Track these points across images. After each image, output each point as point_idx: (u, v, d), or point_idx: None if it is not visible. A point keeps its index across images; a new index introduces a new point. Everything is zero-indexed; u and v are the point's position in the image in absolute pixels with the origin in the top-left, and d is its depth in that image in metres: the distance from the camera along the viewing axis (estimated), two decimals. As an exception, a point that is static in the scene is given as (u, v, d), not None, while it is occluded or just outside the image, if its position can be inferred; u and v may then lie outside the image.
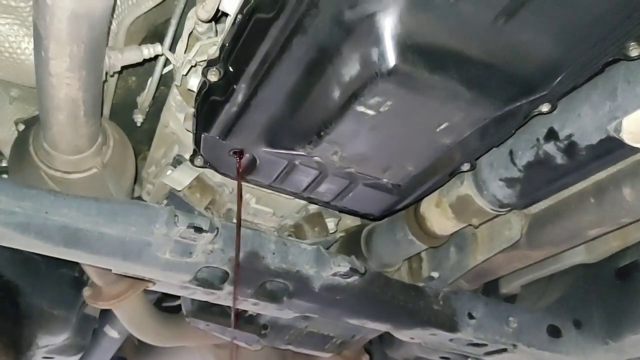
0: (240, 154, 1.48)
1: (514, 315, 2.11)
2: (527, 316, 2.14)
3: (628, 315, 2.12)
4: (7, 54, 1.66)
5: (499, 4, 1.03)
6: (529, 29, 1.08)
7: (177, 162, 1.88)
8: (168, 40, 1.74)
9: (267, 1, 1.10)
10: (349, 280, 1.86)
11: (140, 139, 2.26)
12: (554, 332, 2.16)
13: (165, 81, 1.97)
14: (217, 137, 1.47)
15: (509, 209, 1.72)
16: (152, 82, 1.94)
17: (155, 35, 1.85)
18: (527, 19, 1.05)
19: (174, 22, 1.74)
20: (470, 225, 1.81)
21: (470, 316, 2.06)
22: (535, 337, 2.13)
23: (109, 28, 1.45)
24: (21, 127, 1.93)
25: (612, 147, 1.36)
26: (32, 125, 1.81)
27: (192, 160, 1.63)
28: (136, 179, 2.18)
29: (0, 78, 1.77)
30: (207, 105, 1.39)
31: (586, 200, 1.72)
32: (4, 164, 2.28)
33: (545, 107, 1.32)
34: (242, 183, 1.59)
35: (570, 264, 2.23)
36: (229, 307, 2.41)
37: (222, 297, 1.90)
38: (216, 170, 1.65)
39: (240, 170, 1.49)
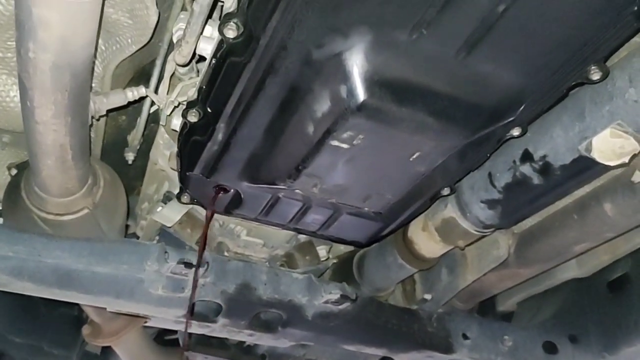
0: (221, 189, 1.52)
1: (508, 333, 2.11)
2: (522, 334, 2.15)
3: (623, 328, 2.13)
4: (-4, 103, 1.71)
5: (458, 40, 1.07)
6: (489, 61, 1.12)
7: (167, 198, 1.92)
8: (154, 81, 1.79)
9: (239, 45, 1.15)
10: (341, 307, 1.88)
11: (133, 175, 2.29)
12: (550, 348, 2.16)
13: (155, 118, 2.02)
14: (201, 175, 1.51)
15: (492, 229, 1.75)
16: (141, 121, 1.99)
17: (142, 75, 1.90)
18: (486, 52, 1.09)
19: (158, 63, 1.79)
20: (457, 247, 1.84)
21: (465, 336, 2.06)
22: (531, 354, 2.13)
23: (92, 75, 1.50)
24: (13, 171, 1.97)
25: (585, 166, 1.39)
26: (23, 170, 1.84)
27: (179, 197, 1.67)
28: (130, 215, 2.22)
29: (-8, 125, 1.81)
30: (190, 144, 1.43)
31: (569, 217, 1.75)
32: (-2, 208, 2.32)
33: (516, 132, 1.36)
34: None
35: (563, 279, 2.25)
36: (226, 338, 2.43)
37: (217, 329, 1.91)
38: (202, 207, 1.69)
39: (215, 203, 1.56)
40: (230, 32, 1.12)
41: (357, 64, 1.09)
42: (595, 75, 1.20)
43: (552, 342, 2.17)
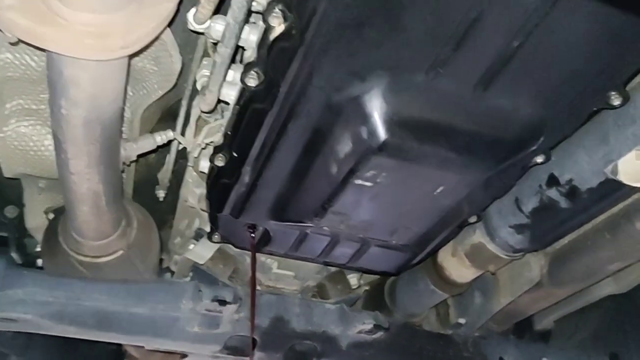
0: (251, 228, 1.55)
1: (547, 355, 2.08)
2: (560, 355, 2.11)
3: (665, 344, 2.08)
4: (32, 152, 1.77)
5: (474, 77, 1.09)
6: (507, 94, 1.13)
7: (198, 235, 1.96)
8: (180, 122, 1.84)
9: (261, 92, 1.18)
10: (375, 336, 1.88)
11: (164, 209, 2.34)
12: (591, 369, 2.12)
13: (183, 155, 2.06)
14: (230, 216, 1.54)
15: (523, 253, 1.74)
16: (170, 159, 2.03)
17: (169, 115, 1.94)
18: (503, 86, 1.10)
19: (184, 104, 1.84)
20: (487, 271, 1.83)
21: (502, 361, 2.04)
22: (571, 376, 2.09)
23: (122, 124, 1.55)
24: (50, 215, 2.04)
25: (612, 188, 1.38)
26: (60, 214, 1.91)
27: (210, 237, 1.71)
28: (162, 249, 2.26)
29: (29, 173, 1.88)
30: (218, 187, 1.47)
31: (601, 236, 1.72)
32: (38, 249, 2.40)
33: (539, 159, 1.36)
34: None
35: (600, 295, 2.20)
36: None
37: (253, 363, 1.94)
38: (234, 245, 1.72)
39: (254, 242, 1.57)
40: (252, 81, 1.16)
41: (376, 105, 1.11)
42: (616, 101, 1.19)
43: (593, 363, 2.13)
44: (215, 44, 1.51)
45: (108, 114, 1.32)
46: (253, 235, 1.56)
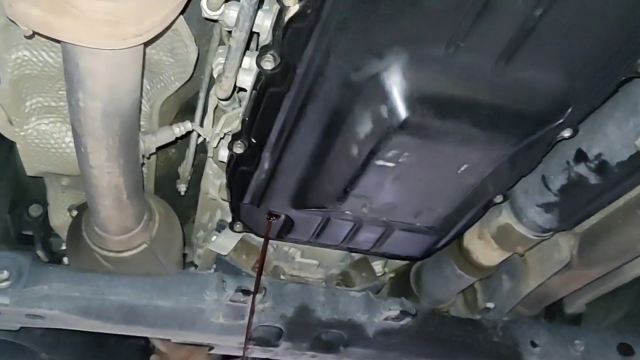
0: (272, 216, 1.54)
1: (579, 337, 2.03)
2: (593, 337, 2.06)
3: (701, 323, 2.02)
4: (54, 150, 1.78)
5: (496, 49, 1.05)
6: (530, 66, 1.09)
7: (220, 227, 1.96)
8: (198, 114, 1.83)
9: (277, 75, 1.16)
10: (402, 322, 1.86)
11: (187, 204, 2.34)
12: (625, 350, 2.06)
13: (203, 148, 2.06)
14: (251, 204, 1.53)
15: (552, 233, 1.69)
16: (190, 153, 2.03)
17: (187, 108, 1.94)
18: (526, 57, 1.07)
19: (202, 96, 1.83)
20: (516, 253, 1.79)
21: (534, 344, 1.99)
22: (606, 358, 2.04)
23: (140, 116, 1.55)
24: (74, 213, 2.05)
25: (644, 161, 1.34)
26: (83, 211, 1.92)
27: (231, 227, 1.70)
28: (186, 244, 2.27)
29: (51, 171, 1.89)
30: (238, 175, 1.46)
31: (633, 214, 1.67)
32: (63, 247, 2.42)
33: (566, 133, 1.32)
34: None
35: (633, 275, 2.15)
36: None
37: (280, 353, 1.92)
38: (256, 234, 1.71)
39: (270, 230, 1.58)
40: (268, 64, 1.14)
41: (395, 83, 1.08)
42: (646, 69, 1.15)
43: (627, 343, 2.07)
44: (230, 32, 1.50)
45: (126, 106, 1.31)
46: (268, 223, 1.54)
